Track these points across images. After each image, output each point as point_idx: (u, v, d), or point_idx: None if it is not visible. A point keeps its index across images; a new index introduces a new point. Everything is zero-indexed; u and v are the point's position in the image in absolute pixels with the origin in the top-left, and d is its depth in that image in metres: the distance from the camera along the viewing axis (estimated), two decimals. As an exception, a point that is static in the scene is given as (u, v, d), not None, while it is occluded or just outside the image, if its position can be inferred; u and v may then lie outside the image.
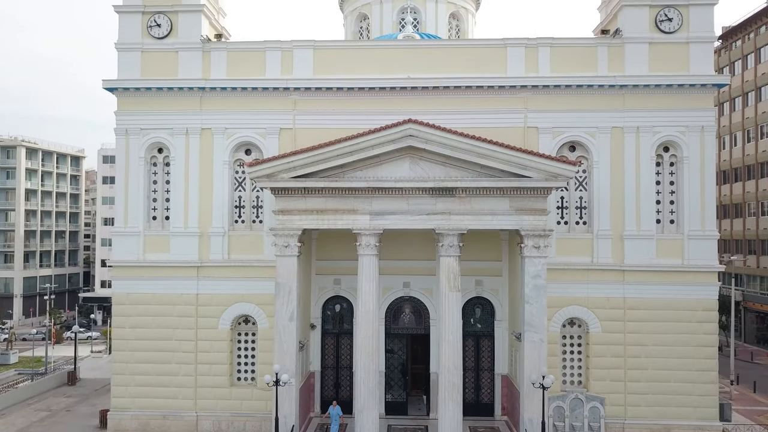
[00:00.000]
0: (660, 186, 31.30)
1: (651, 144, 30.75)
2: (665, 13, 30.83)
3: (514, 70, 31.20)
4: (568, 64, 31.13)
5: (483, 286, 31.52)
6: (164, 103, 31.89)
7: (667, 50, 30.87)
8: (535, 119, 31.08)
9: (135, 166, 32.06)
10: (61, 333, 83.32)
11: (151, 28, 32.05)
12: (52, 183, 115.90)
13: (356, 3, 47.68)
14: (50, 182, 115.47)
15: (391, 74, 31.42)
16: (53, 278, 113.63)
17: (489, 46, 31.75)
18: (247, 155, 32.34)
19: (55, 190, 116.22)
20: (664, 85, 30.43)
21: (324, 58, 31.86)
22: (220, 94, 31.79)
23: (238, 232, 31.99)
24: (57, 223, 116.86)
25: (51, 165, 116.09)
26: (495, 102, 31.23)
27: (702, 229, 30.50)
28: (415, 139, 26.31)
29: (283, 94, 31.62)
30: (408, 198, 26.87)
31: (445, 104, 31.32)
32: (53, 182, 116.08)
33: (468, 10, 47.85)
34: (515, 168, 26.17)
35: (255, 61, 31.91)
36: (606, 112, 30.91)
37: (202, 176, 31.90)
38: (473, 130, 30.45)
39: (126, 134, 32.09)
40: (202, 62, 31.94)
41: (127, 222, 31.99)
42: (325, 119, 31.57)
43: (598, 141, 30.96)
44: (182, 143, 31.91)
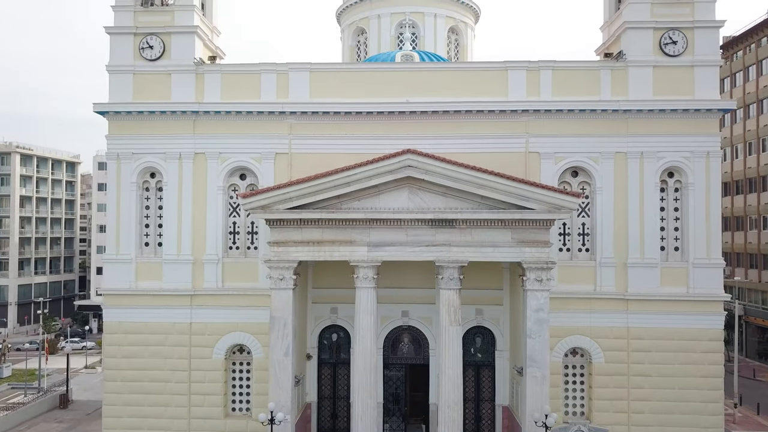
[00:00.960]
0: (664, 212, 30.62)
1: (655, 170, 30.06)
2: (670, 36, 30.14)
3: (515, 93, 30.48)
4: (571, 87, 30.42)
5: (483, 315, 30.80)
6: (157, 127, 31.10)
7: (672, 74, 30.18)
8: (537, 144, 30.36)
9: (127, 191, 31.27)
10: (55, 344, 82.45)
11: (143, 50, 31.25)
12: (47, 189, 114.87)
13: (353, 17, 46.99)
14: (45, 188, 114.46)
15: (389, 98, 30.68)
16: (48, 285, 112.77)
17: (489, 69, 31.03)
18: (242, 180, 31.60)
19: (50, 196, 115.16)
20: (668, 110, 29.75)
21: (321, 80, 31.10)
22: (214, 117, 31.01)
23: (233, 259, 31.22)
24: (52, 230, 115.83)
25: (46, 171, 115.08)
26: (495, 126, 30.50)
27: (707, 257, 29.82)
28: (414, 169, 25.58)
29: (278, 118, 30.86)
30: (407, 229, 26.14)
31: (444, 128, 30.61)
32: (48, 188, 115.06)
33: (467, 24, 47.19)
34: (517, 199, 25.45)
35: (250, 83, 31.14)
36: (609, 137, 30.21)
37: (196, 202, 31.12)
38: (473, 155, 29.99)
39: (117, 159, 31.30)
40: (195, 85, 31.16)
41: (119, 249, 31.19)
42: (322, 143, 30.82)
43: (602, 166, 30.25)
44: (175, 168, 31.12)
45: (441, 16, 45.25)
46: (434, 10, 45.06)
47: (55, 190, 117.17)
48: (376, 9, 45.36)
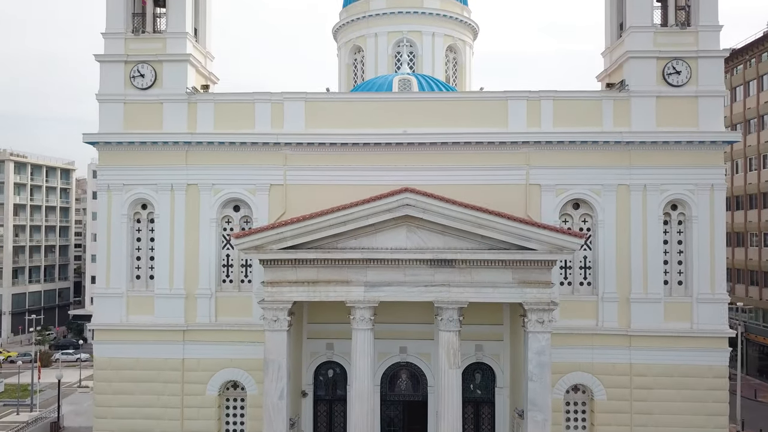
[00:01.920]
0: (668, 245, 29.96)
1: (658, 203, 29.41)
2: (673, 65, 29.47)
3: (516, 124, 29.78)
4: (572, 118, 29.74)
5: (483, 351, 30.10)
6: (148, 158, 30.33)
7: (675, 104, 29.52)
8: (538, 176, 29.68)
9: (117, 223, 30.50)
10: (48, 356, 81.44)
11: (134, 79, 30.46)
12: (42, 197, 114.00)
13: (350, 35, 46.32)
14: (39, 196, 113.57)
15: (386, 128, 29.96)
16: (42, 294, 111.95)
17: (489, 99, 30.35)
18: (236, 212, 30.87)
19: (44, 204, 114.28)
20: (672, 142, 29.10)
21: (316, 110, 30.37)
22: (207, 148, 30.26)
23: (226, 293, 30.47)
24: (47, 238, 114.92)
25: (40, 178, 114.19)
26: (495, 158, 29.80)
27: (712, 292, 29.17)
28: (412, 208, 24.88)
29: (273, 148, 30.11)
30: (405, 268, 25.43)
31: (443, 160, 29.91)
32: (42, 196, 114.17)
33: (465, 42, 46.55)
34: (518, 239, 24.76)
35: (244, 113, 30.39)
36: (612, 169, 29.55)
37: (188, 234, 30.37)
38: (473, 187, 29.40)
39: (108, 190, 30.53)
40: (187, 114, 30.40)
41: (110, 282, 30.42)
42: (317, 175, 30.10)
43: (604, 199, 29.58)
44: (167, 199, 30.36)
45: (439, 35, 44.61)
46: (432, 29, 44.43)
47: (49, 197, 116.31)
48: (373, 27, 44.69)
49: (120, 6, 30.83)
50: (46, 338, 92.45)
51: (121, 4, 30.86)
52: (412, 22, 44.23)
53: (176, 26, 30.74)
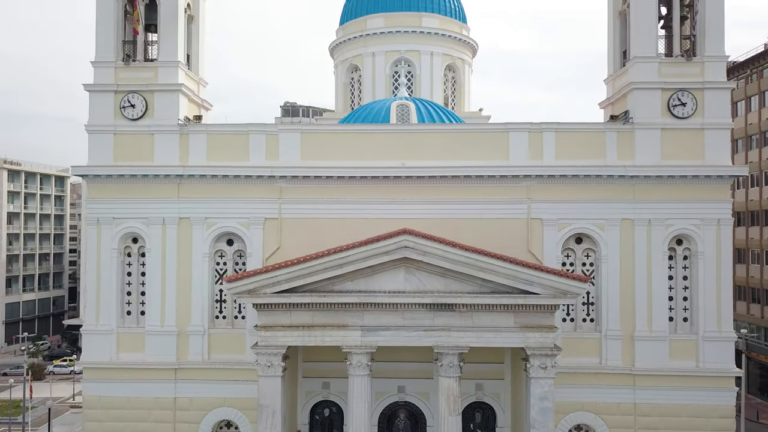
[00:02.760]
0: (673, 281, 29.20)
1: (663, 238, 28.65)
2: (678, 97, 28.69)
3: (517, 157, 28.98)
4: (575, 150, 28.96)
5: (484, 390, 29.28)
6: (139, 191, 29.48)
7: (681, 137, 28.76)
8: (540, 210, 28.90)
9: (107, 258, 29.63)
10: (42, 368, 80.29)
11: (124, 109, 29.58)
12: (36, 205, 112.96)
13: (347, 53, 45.49)
14: (33, 204, 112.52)
15: (384, 161, 29.15)
16: (37, 303, 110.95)
17: (490, 131, 29.57)
18: (229, 246, 30.02)
19: (38, 212, 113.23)
20: (678, 176, 28.34)
21: (312, 142, 29.53)
22: (199, 180, 29.40)
23: (219, 330, 29.63)
24: (41, 246, 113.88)
25: (34, 186, 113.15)
26: (496, 191, 29.01)
27: (718, 330, 28.43)
28: (411, 251, 24.07)
29: (268, 181, 29.28)
30: (404, 312, 24.63)
31: (442, 193, 29.11)
32: (37, 204, 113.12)
33: (464, 61, 45.78)
34: (520, 283, 23.98)
35: (238, 145, 29.54)
36: (615, 203, 28.77)
37: (180, 269, 29.51)
38: (473, 221, 28.70)
39: (97, 223, 29.69)
40: (179, 146, 29.53)
41: (99, 318, 29.55)
42: (313, 208, 29.28)
43: (607, 234, 28.82)
44: (158, 233, 29.50)
45: (437, 54, 43.82)
46: (430, 48, 43.64)
47: (44, 205, 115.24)
48: (371, 47, 43.89)
49: (110, 34, 29.93)
50: (40, 350, 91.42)
51: (111, 32, 29.96)
52: (410, 41, 43.45)
53: (168, 55, 29.87)
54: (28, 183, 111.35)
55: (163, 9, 30.05)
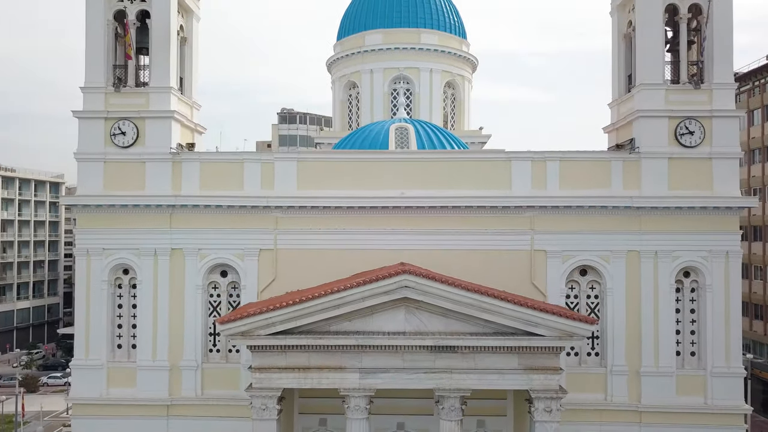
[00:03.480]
0: (680, 314, 28.38)
1: (670, 270, 27.83)
2: (686, 125, 27.87)
3: (520, 187, 28.15)
4: (579, 180, 28.13)
5: (486, 427, 28.36)
6: (130, 221, 28.56)
7: (688, 166, 27.94)
8: (543, 241, 28.07)
9: (97, 290, 28.68)
10: (35, 380, 79.18)
11: (114, 137, 28.64)
12: (30, 211, 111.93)
13: (344, 70, 44.70)
14: (28, 211, 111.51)
15: (383, 189, 28.29)
16: (31, 311, 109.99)
17: (492, 160, 28.71)
18: (223, 277, 29.14)
19: (33, 219, 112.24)
20: (685, 207, 27.54)
21: (309, 170, 28.65)
22: (192, 210, 28.50)
23: (213, 364, 28.74)
24: (35, 254, 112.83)
25: (29, 193, 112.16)
26: (499, 222, 28.18)
27: (727, 366, 27.62)
28: (411, 290, 23.18)
29: (263, 211, 28.39)
30: (404, 353, 23.71)
31: (443, 223, 28.27)
32: (31, 211, 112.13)
33: (464, 77, 45.03)
34: (525, 325, 23.11)
35: (232, 173, 28.65)
36: (621, 234, 27.95)
37: (173, 301, 28.61)
38: (475, 252, 27.97)
39: (87, 254, 28.72)
40: (172, 175, 28.62)
41: (88, 352, 28.61)
42: (310, 239, 28.42)
43: (613, 266, 27.99)
44: (150, 265, 28.59)
45: (437, 71, 43.07)
46: (430, 65, 42.90)
47: (38, 212, 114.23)
48: (369, 63, 43.11)
49: (100, 58, 28.99)
50: (33, 361, 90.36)
51: (101, 56, 29.03)
52: (409, 58, 42.71)
53: (160, 80, 28.94)
54: (22, 190, 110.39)
55: (155, 33, 29.12)
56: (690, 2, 28.56)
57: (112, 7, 29.36)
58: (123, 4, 29.36)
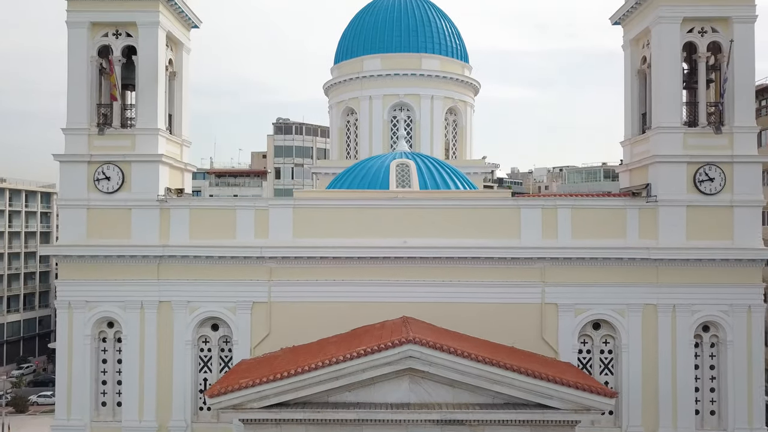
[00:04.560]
0: (699, 371, 26.80)
1: (689, 325, 26.25)
2: (706, 171, 26.29)
3: (530, 236, 26.52)
4: (593, 229, 26.53)
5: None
6: (115, 271, 26.83)
7: (708, 214, 26.36)
8: (555, 294, 26.47)
9: (80, 345, 26.95)
10: (24, 399, 77.06)
11: (98, 182, 26.90)
12: (21, 223, 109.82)
13: (342, 95, 42.98)
14: (18, 222, 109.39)
15: (384, 238, 26.66)
16: (22, 323, 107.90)
17: (500, 207, 27.05)
18: (214, 331, 27.44)
19: (23, 230, 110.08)
20: (705, 259, 25.99)
21: (305, 218, 26.97)
22: (181, 261, 26.79)
23: (203, 424, 27.03)
24: (26, 265, 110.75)
25: (19, 204, 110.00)
26: (507, 273, 26.57)
27: (749, 427, 26.04)
28: (416, 360, 21.53)
29: (256, 262, 26.71)
30: (408, 426, 22.03)
31: (447, 274, 26.67)
32: (22, 222, 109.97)
33: (466, 103, 43.37)
34: (538, 397, 21.49)
35: (223, 222, 26.94)
36: (637, 287, 26.37)
37: (161, 357, 26.89)
38: (482, 305, 26.41)
39: (69, 308, 26.99)
40: (160, 222, 26.90)
41: (70, 412, 26.86)
42: (306, 291, 26.78)
43: (628, 320, 26.40)
44: (136, 319, 26.86)
45: (438, 98, 41.40)
46: (431, 91, 41.23)
47: (29, 222, 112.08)
48: (367, 90, 41.45)
49: (83, 97, 27.23)
50: (22, 380, 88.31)
51: (84, 95, 27.27)
52: (410, 84, 41.02)
53: (147, 121, 27.20)
54: (12, 200, 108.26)
55: (142, 70, 27.38)
56: (709, 40, 27.00)
57: (96, 42, 27.63)
58: (108, 40, 27.63)
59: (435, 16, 42.89)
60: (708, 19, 26.83)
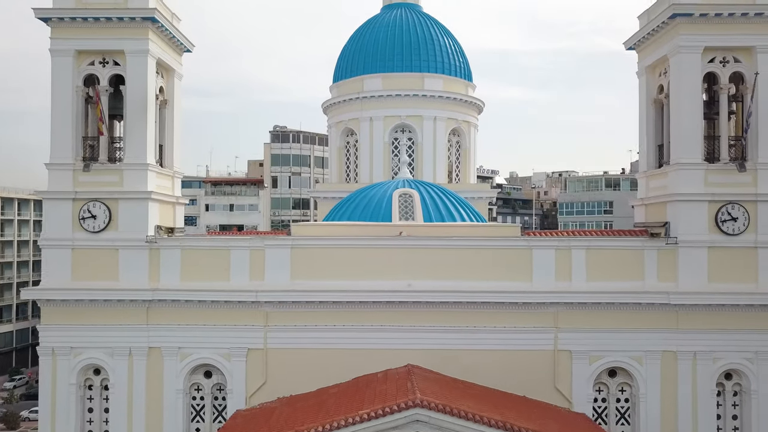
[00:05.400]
0: (721, 420, 25.34)
1: (711, 373, 24.79)
2: (728, 210, 24.81)
3: (542, 279, 25.02)
4: (609, 271, 25.05)
5: None
6: (101, 316, 25.26)
7: (730, 256, 24.90)
8: (568, 341, 24.96)
9: (64, 394, 25.33)
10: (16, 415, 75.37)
11: (84, 220, 25.30)
12: (13, 232, 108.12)
13: (342, 116, 41.48)
14: (11, 231, 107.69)
15: (388, 279, 25.08)
16: (14, 334, 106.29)
17: (511, 248, 25.49)
18: (207, 378, 25.88)
19: (16, 239, 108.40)
20: (728, 304, 24.53)
21: (304, 258, 25.41)
22: (171, 305, 25.22)
23: (196, 477, 25.55)
24: (19, 274, 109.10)
25: (12, 212, 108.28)
26: (517, 318, 25.06)
27: (774, 481, 24.66)
28: (424, 425, 19.94)
29: (252, 306, 25.14)
30: (413, 492, 20.54)
31: (454, 319, 25.13)
32: (14, 231, 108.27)
33: (470, 123, 41.91)
34: (555, 463, 20.00)
35: (217, 262, 25.37)
36: (655, 333, 24.89)
37: (150, 406, 25.28)
38: (490, 353, 25.03)
39: (52, 354, 25.39)
40: (149, 264, 25.31)
41: (55, 467, 25.32)
42: (305, 337, 25.20)
43: (646, 368, 24.92)
44: (124, 366, 25.28)
45: (441, 119, 39.93)
46: (434, 112, 39.73)
47: (22, 231, 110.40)
48: (368, 110, 39.93)
49: (68, 130, 25.62)
50: (14, 396, 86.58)
51: (69, 128, 25.65)
52: (412, 105, 39.55)
53: (135, 156, 25.61)
54: (5, 209, 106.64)
55: (131, 101, 25.79)
56: (732, 70, 25.54)
57: (81, 71, 26.04)
58: (94, 68, 26.04)
59: (438, 33, 41.38)
60: (730, 49, 25.38)
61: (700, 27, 24.83)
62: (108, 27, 25.44)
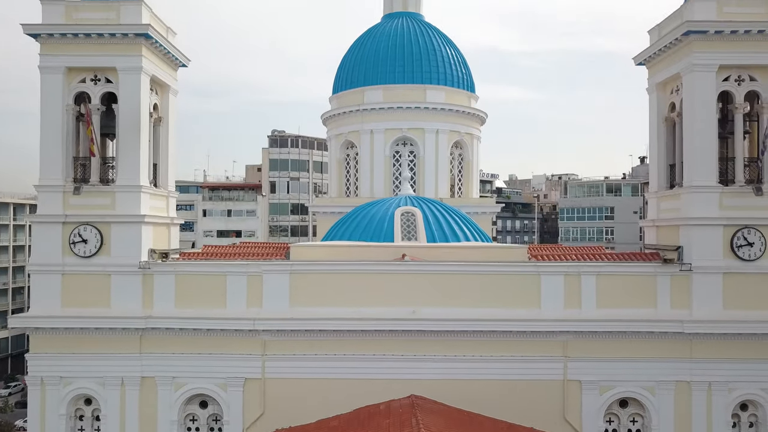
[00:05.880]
0: (735, 453, 24.48)
1: (726, 404, 23.87)
2: (744, 235, 23.89)
3: (551, 306, 24.06)
4: (620, 298, 24.11)
5: None
6: (92, 344, 24.26)
7: (746, 282, 23.96)
8: (578, 370, 24.02)
9: (54, 425, 24.33)
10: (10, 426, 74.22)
11: (74, 245, 24.29)
12: (9, 236, 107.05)
13: (342, 128, 40.55)
14: (6, 236, 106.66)
15: (391, 306, 24.10)
16: (10, 340, 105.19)
17: (519, 274, 24.51)
18: (203, 408, 24.86)
19: (11, 244, 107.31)
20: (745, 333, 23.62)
21: (303, 284, 24.43)
22: (166, 333, 24.24)
23: None
24: (14, 280, 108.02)
25: (7, 217, 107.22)
26: (525, 347, 24.11)
27: None
28: (429, 464, 19.05)
29: (249, 335, 24.17)
30: None
31: (459, 348, 24.15)
32: (9, 236, 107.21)
33: (473, 135, 40.99)
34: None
35: (213, 289, 24.36)
36: (668, 363, 23.94)
37: (144, 438, 24.37)
38: (497, 383, 24.05)
39: (42, 384, 24.40)
40: (142, 290, 24.32)
41: (43, 500, 24.34)
42: (304, 366, 24.20)
43: (659, 399, 23.99)
44: (116, 396, 24.28)
45: (443, 132, 39.00)
46: (436, 125, 38.81)
47: (17, 236, 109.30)
48: (368, 123, 39.02)
49: (57, 151, 24.60)
50: (9, 402, 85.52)
51: (59, 148, 24.64)
52: (413, 118, 38.63)
53: (128, 177, 24.60)
54: (0, 213, 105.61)
55: (123, 120, 24.79)
56: (747, 89, 24.62)
57: (72, 89, 25.02)
58: (85, 86, 25.04)
59: (440, 44, 40.44)
60: (746, 67, 24.46)
61: (714, 45, 23.92)
62: (100, 43, 24.43)
